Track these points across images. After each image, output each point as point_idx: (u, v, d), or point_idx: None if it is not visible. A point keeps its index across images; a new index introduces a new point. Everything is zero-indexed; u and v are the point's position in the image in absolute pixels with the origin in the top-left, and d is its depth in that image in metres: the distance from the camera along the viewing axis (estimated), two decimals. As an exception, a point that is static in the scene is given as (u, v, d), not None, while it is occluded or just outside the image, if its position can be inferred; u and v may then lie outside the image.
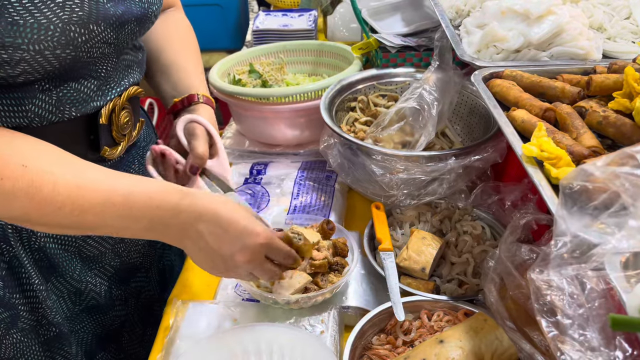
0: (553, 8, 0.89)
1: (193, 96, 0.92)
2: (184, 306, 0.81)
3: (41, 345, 0.84)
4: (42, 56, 0.65)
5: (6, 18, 0.60)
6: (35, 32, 0.62)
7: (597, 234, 0.43)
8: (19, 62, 0.63)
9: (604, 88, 0.72)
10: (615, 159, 0.35)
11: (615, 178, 0.33)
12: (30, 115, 0.70)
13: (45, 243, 0.81)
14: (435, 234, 0.93)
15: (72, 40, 0.66)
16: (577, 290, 0.46)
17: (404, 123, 1.04)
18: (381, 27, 1.30)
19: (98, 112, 0.77)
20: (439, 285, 0.87)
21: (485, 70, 0.84)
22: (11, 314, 0.80)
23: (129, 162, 0.90)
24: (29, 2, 0.62)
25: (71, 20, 0.65)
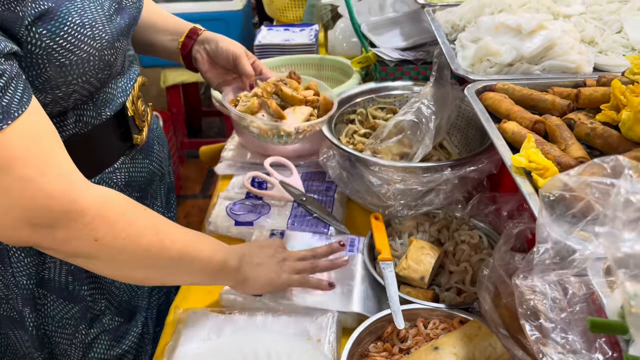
0: (545, 23, 0.91)
1: (195, 28, 1.02)
2: (185, 314, 0.83)
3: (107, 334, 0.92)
4: (88, 83, 0.75)
5: (54, 63, 0.68)
6: (80, 66, 0.71)
7: (577, 241, 0.45)
8: (71, 94, 0.74)
9: (592, 101, 0.74)
10: (586, 169, 0.37)
11: (586, 187, 0.35)
12: (80, 125, 0.80)
13: None
14: (434, 244, 0.95)
15: (107, 62, 0.76)
16: (559, 295, 0.47)
17: (403, 136, 1.06)
18: (380, 41, 1.33)
19: (124, 106, 0.87)
20: (438, 294, 0.89)
21: (478, 83, 0.86)
22: (80, 307, 0.87)
23: (151, 144, 0.99)
24: (68, 43, 0.69)
25: (103, 46, 0.74)
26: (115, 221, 0.67)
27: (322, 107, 0.94)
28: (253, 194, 1.12)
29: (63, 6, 0.68)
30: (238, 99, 0.95)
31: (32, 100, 0.63)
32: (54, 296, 0.86)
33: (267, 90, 0.92)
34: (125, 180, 0.90)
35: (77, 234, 0.65)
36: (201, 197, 2.69)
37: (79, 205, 0.63)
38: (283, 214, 1.08)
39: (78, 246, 0.66)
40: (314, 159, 1.17)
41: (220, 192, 1.18)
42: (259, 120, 0.89)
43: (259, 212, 1.08)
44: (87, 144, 0.81)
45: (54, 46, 0.67)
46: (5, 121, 0.59)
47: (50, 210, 0.62)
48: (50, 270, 0.84)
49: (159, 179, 1.04)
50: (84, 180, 0.67)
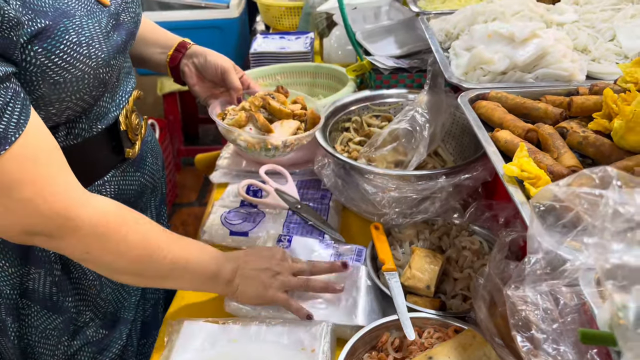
0: (537, 31, 0.92)
1: (184, 42, 1.04)
2: (179, 325, 0.82)
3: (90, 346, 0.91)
4: (82, 100, 0.75)
5: (48, 80, 0.69)
6: (74, 84, 0.72)
7: (568, 250, 0.45)
8: (64, 111, 0.74)
9: (584, 109, 0.74)
10: (575, 179, 0.37)
11: (575, 198, 0.35)
12: (70, 137, 0.80)
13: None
14: (435, 251, 0.95)
15: (102, 79, 0.76)
16: (551, 306, 0.47)
17: (397, 144, 1.06)
18: (375, 49, 1.34)
19: (116, 120, 0.86)
20: (445, 302, 0.88)
21: (471, 92, 0.86)
22: (64, 319, 0.87)
23: (144, 156, 0.99)
24: (63, 62, 0.69)
25: (98, 65, 0.74)
26: (107, 238, 0.69)
27: (309, 121, 0.95)
28: (248, 202, 1.12)
29: (61, 24, 0.68)
30: (226, 112, 0.96)
31: (30, 119, 0.64)
32: (37, 307, 0.85)
33: (254, 104, 0.92)
34: (114, 193, 0.90)
35: (70, 245, 0.69)
36: (197, 205, 2.69)
37: (74, 222, 0.66)
38: (278, 221, 1.08)
39: (71, 254, 0.72)
40: (309, 167, 1.17)
41: (216, 200, 1.18)
42: (246, 134, 0.89)
43: (253, 221, 1.08)
44: (77, 156, 0.80)
45: (49, 64, 0.68)
46: (3, 147, 0.60)
47: (47, 223, 0.66)
48: (35, 281, 0.84)
49: (150, 192, 1.03)
50: (83, 193, 0.69)
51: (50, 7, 0.67)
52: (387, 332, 0.80)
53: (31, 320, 0.86)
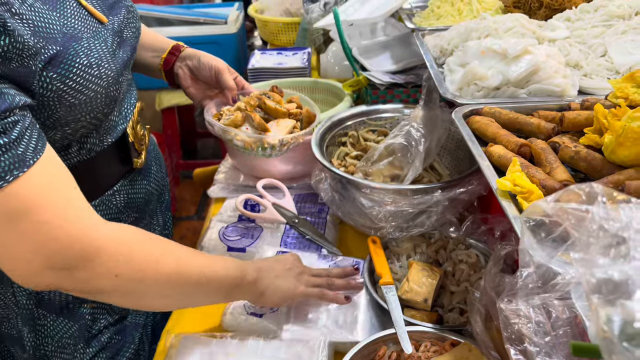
0: (530, 48, 0.93)
1: (178, 45, 1.05)
2: (177, 339, 0.83)
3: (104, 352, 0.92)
4: (95, 118, 0.78)
5: (64, 104, 0.71)
6: (88, 105, 0.74)
7: (560, 264, 0.46)
8: (79, 129, 0.77)
9: (576, 124, 0.76)
10: (563, 195, 0.38)
11: (563, 213, 0.36)
12: (83, 152, 0.82)
13: None
14: (432, 264, 0.96)
15: (112, 97, 0.79)
16: (543, 319, 0.48)
17: (393, 158, 1.08)
18: (371, 64, 1.36)
19: (124, 132, 0.88)
20: (442, 315, 0.89)
21: (465, 107, 0.88)
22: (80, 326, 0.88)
23: (149, 165, 1.01)
24: (77, 85, 0.71)
25: (109, 84, 0.77)
26: (133, 254, 0.68)
27: (305, 120, 0.96)
28: (246, 216, 1.13)
29: (71, 48, 0.71)
30: (221, 113, 0.97)
31: (46, 148, 0.65)
32: (53, 315, 0.86)
33: (250, 103, 0.93)
34: (124, 202, 0.92)
35: (96, 272, 0.66)
36: (196, 219, 2.69)
37: (95, 245, 0.65)
38: (276, 236, 1.09)
39: (99, 283, 0.67)
40: (306, 181, 1.18)
41: (213, 215, 1.19)
42: (242, 133, 0.90)
43: (251, 236, 1.09)
44: (89, 170, 0.83)
45: (64, 88, 0.70)
46: (21, 169, 0.61)
47: (68, 252, 0.64)
48: (50, 291, 0.84)
49: (157, 199, 1.05)
50: (99, 219, 0.68)
51: (59, 33, 0.69)
52: (385, 346, 0.80)
53: (47, 330, 0.86)
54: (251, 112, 0.91)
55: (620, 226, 0.33)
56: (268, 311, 0.88)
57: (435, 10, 1.39)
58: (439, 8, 1.38)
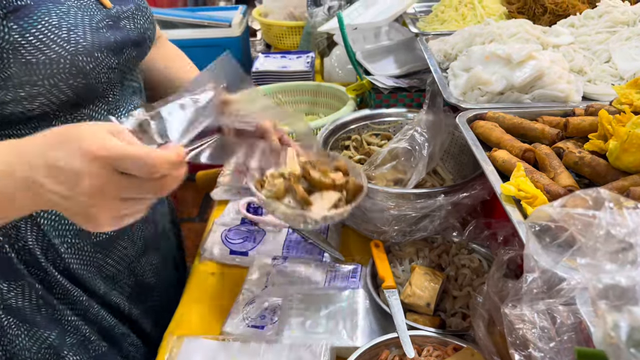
0: (534, 53, 0.93)
1: None
2: (179, 341, 0.83)
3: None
4: (56, 88, 0.70)
5: (20, 59, 0.66)
6: (47, 67, 0.68)
7: (565, 269, 0.46)
8: (36, 96, 0.69)
9: (580, 130, 0.76)
10: (569, 200, 0.38)
11: (570, 219, 0.36)
12: None
13: (69, 264, 0.84)
14: (435, 269, 0.95)
15: (81, 69, 0.71)
16: (548, 324, 0.48)
17: (397, 162, 1.08)
18: (374, 68, 1.36)
19: None
20: (445, 320, 0.89)
21: (469, 112, 0.88)
22: (59, 332, 0.84)
23: None
24: (38, 42, 0.67)
25: (78, 51, 0.70)
26: None
27: (350, 191, 0.88)
28: (248, 219, 1.13)
29: (44, 6, 0.67)
30: (265, 179, 0.89)
31: None
32: (27, 325, 0.81)
33: (294, 174, 0.86)
34: None
35: None
36: (198, 221, 2.69)
37: None
38: (278, 240, 1.09)
39: None
40: (310, 184, 1.18)
41: (216, 217, 1.19)
42: (284, 207, 0.83)
43: (254, 240, 1.09)
44: None
45: (22, 42, 0.65)
46: None
47: None
48: (18, 296, 0.80)
49: (142, 223, 0.97)
50: None
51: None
52: (387, 350, 0.80)
53: (22, 342, 0.81)
54: (294, 183, 0.85)
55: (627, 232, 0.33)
56: (269, 323, 0.88)
57: (439, 15, 1.40)
58: (443, 13, 1.39)
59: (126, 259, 0.94)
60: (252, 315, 0.89)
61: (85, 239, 0.86)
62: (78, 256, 0.86)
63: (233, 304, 0.92)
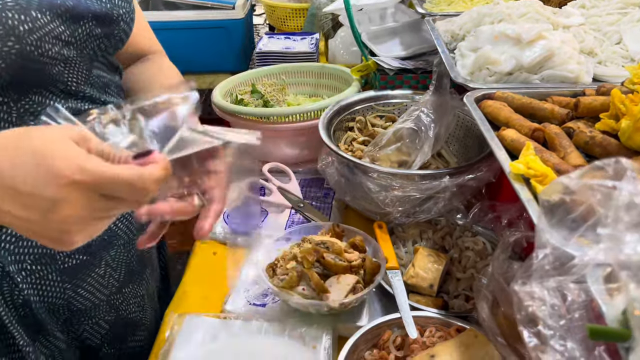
0: (544, 33, 0.91)
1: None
2: (180, 319, 0.82)
3: None
4: None
5: None
6: None
7: (576, 247, 0.44)
8: None
9: (591, 109, 0.74)
10: (588, 171, 0.37)
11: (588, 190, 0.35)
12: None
13: (30, 296, 0.71)
14: (438, 251, 0.95)
15: (11, 28, 0.58)
16: (558, 302, 0.47)
17: (401, 144, 1.06)
18: (380, 50, 1.34)
19: None
20: (447, 301, 0.88)
21: (477, 91, 0.86)
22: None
23: None
24: None
25: (6, 6, 0.58)
26: None
27: (368, 271, 0.85)
28: (251, 199, 1.12)
29: None
30: (276, 262, 0.86)
31: None
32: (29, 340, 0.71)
33: (307, 259, 0.82)
34: None
35: None
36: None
37: None
38: (280, 220, 1.08)
39: None
40: (313, 165, 1.17)
41: (218, 197, 1.17)
42: (298, 298, 0.80)
43: (256, 218, 1.08)
44: None
45: None
46: None
47: None
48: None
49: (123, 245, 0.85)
50: None
51: None
52: (389, 330, 0.80)
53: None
54: (308, 269, 0.81)
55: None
56: (270, 302, 0.87)
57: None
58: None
59: (104, 290, 0.81)
60: (254, 294, 0.88)
61: (49, 265, 0.71)
62: (40, 286, 0.72)
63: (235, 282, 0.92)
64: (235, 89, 1.37)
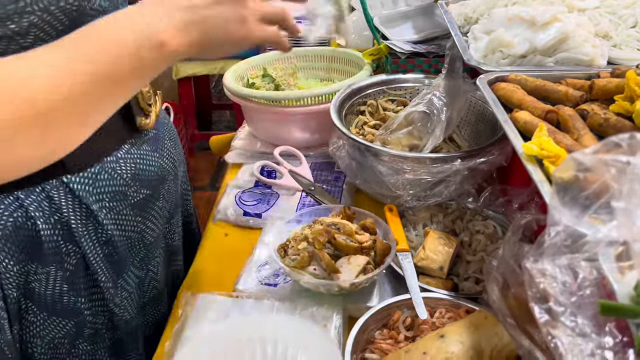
0: (559, 15, 0.91)
1: None
2: (193, 297, 0.83)
3: (107, 350, 0.84)
4: (48, 13, 0.61)
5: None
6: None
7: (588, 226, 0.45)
8: (28, 28, 0.60)
9: (606, 92, 0.74)
10: (602, 147, 0.37)
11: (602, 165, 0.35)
12: None
13: (112, 232, 0.78)
14: (449, 234, 0.95)
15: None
16: (570, 279, 0.47)
17: (412, 128, 1.06)
18: (392, 34, 1.33)
19: None
20: (457, 284, 0.89)
21: (490, 74, 0.86)
22: (77, 322, 0.79)
23: (162, 137, 0.90)
24: None
25: None
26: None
27: (379, 252, 0.85)
28: (262, 182, 1.13)
29: None
30: (287, 243, 0.86)
31: None
32: (44, 314, 0.76)
33: (319, 240, 0.82)
34: (131, 173, 0.80)
35: None
36: (210, 189, 2.71)
37: None
38: (291, 203, 1.09)
39: None
40: (324, 149, 1.18)
41: (230, 180, 1.18)
42: (309, 277, 0.80)
43: (267, 202, 1.08)
44: None
45: None
46: None
47: None
48: (42, 282, 0.74)
49: (173, 180, 0.94)
50: None
51: None
52: (399, 311, 0.80)
53: (37, 328, 0.76)
54: (319, 250, 0.81)
55: (664, 175, 0.32)
56: (282, 282, 0.88)
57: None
58: (464, -23, 1.35)
59: (161, 220, 0.90)
60: (266, 274, 0.90)
61: (123, 201, 0.80)
62: (118, 222, 0.79)
63: (246, 263, 0.93)
64: (246, 73, 1.37)
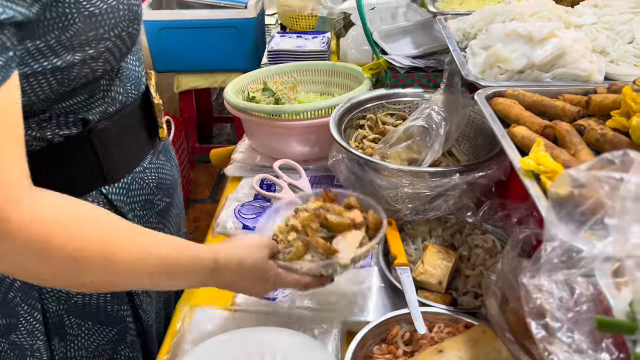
0: (556, 31, 0.92)
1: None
2: (192, 311, 0.83)
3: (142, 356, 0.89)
4: (120, 39, 0.67)
5: (83, 12, 0.61)
6: (110, 16, 0.64)
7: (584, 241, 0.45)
8: (102, 52, 0.65)
9: (602, 107, 0.74)
10: (596, 163, 0.37)
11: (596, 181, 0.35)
12: (108, 101, 0.72)
13: None
14: (448, 248, 0.95)
15: (135, 14, 0.68)
16: (566, 295, 0.47)
17: (412, 142, 1.07)
18: (391, 48, 1.34)
19: (147, 91, 0.81)
20: (456, 298, 0.88)
21: (488, 89, 0.87)
22: (120, 329, 0.83)
23: (168, 147, 0.95)
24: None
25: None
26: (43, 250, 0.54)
27: (371, 227, 0.83)
28: (261, 195, 1.13)
29: None
30: (275, 238, 0.81)
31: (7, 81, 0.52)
32: (88, 324, 0.79)
33: (311, 227, 0.78)
34: (155, 182, 0.85)
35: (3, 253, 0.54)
36: (210, 202, 2.71)
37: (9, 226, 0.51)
38: (291, 216, 1.09)
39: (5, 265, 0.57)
40: (323, 162, 1.18)
41: (229, 194, 1.19)
42: (309, 264, 0.77)
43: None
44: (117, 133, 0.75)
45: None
46: None
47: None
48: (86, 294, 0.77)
49: (179, 187, 0.99)
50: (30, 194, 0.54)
51: None
52: (398, 325, 0.80)
53: (81, 341, 0.79)
54: (312, 237, 0.77)
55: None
56: (280, 295, 0.88)
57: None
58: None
59: (175, 227, 0.96)
60: None
61: (150, 209, 0.86)
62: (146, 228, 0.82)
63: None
64: (247, 87, 1.38)
